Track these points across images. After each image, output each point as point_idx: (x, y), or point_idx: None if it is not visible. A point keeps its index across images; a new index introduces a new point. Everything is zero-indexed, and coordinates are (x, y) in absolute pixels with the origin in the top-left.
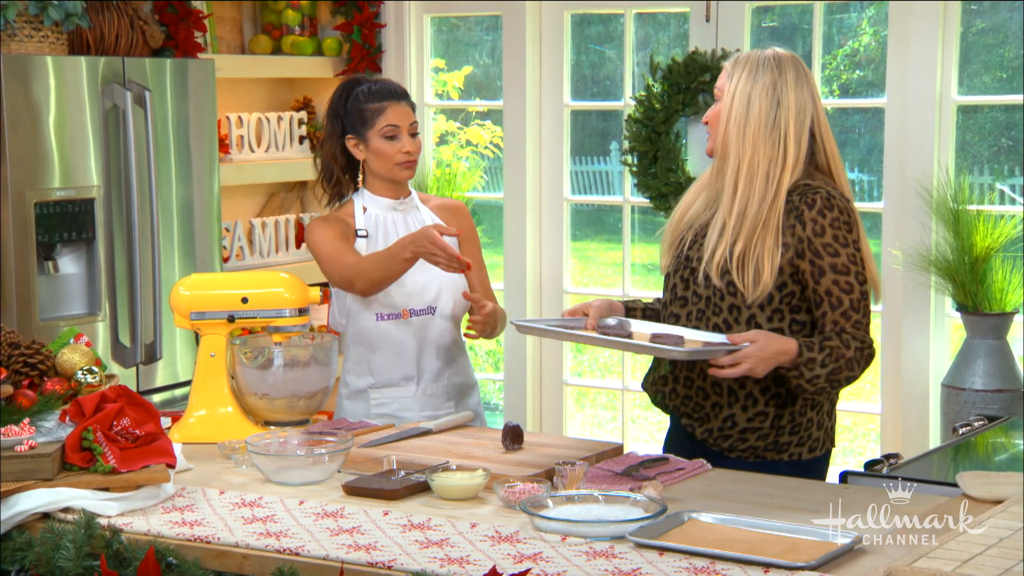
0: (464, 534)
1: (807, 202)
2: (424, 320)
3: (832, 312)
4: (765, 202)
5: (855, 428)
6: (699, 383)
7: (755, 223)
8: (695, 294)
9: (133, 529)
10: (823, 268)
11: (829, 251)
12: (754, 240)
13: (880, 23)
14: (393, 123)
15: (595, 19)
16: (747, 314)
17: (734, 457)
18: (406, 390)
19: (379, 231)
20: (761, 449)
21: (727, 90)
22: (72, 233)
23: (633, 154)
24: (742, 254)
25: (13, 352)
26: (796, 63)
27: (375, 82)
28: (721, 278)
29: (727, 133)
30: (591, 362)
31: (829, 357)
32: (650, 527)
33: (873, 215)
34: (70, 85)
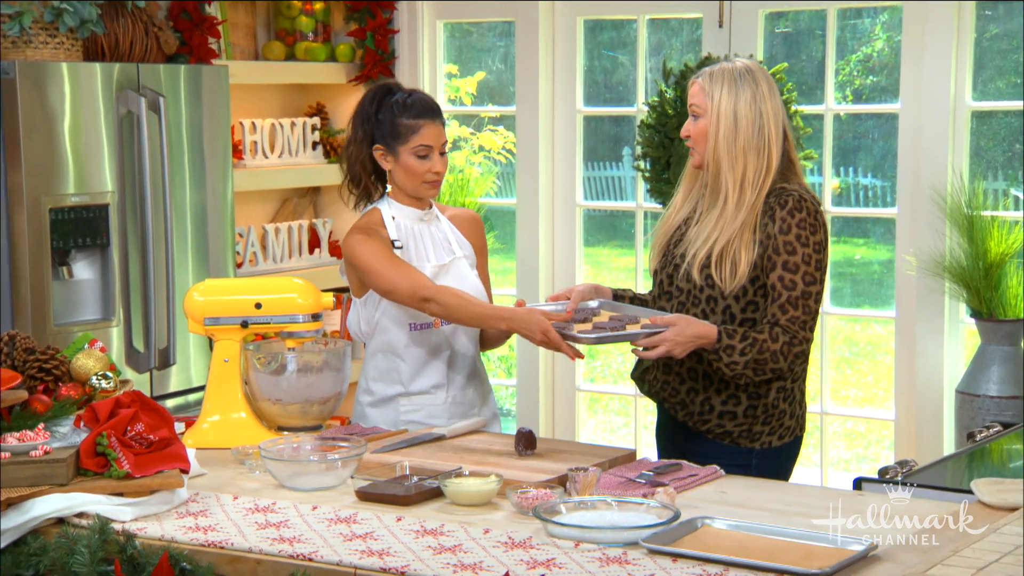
0: (477, 540)
1: (780, 203)
2: (453, 329)
3: (771, 304)
4: (748, 205)
5: (869, 435)
6: (676, 369)
7: (735, 223)
8: (678, 288)
9: (147, 534)
10: (776, 263)
11: (787, 248)
12: (733, 238)
13: (894, 28)
14: (427, 143)
15: (608, 25)
16: (723, 304)
17: (712, 438)
18: (436, 397)
19: (409, 241)
20: (736, 435)
21: (710, 108)
22: (86, 239)
23: (646, 159)
24: (722, 251)
25: (28, 357)
26: (764, 71)
27: (409, 94)
28: (700, 272)
29: (717, 149)
30: (604, 368)
31: (750, 346)
32: (663, 533)
33: (887, 221)
34: (85, 91)
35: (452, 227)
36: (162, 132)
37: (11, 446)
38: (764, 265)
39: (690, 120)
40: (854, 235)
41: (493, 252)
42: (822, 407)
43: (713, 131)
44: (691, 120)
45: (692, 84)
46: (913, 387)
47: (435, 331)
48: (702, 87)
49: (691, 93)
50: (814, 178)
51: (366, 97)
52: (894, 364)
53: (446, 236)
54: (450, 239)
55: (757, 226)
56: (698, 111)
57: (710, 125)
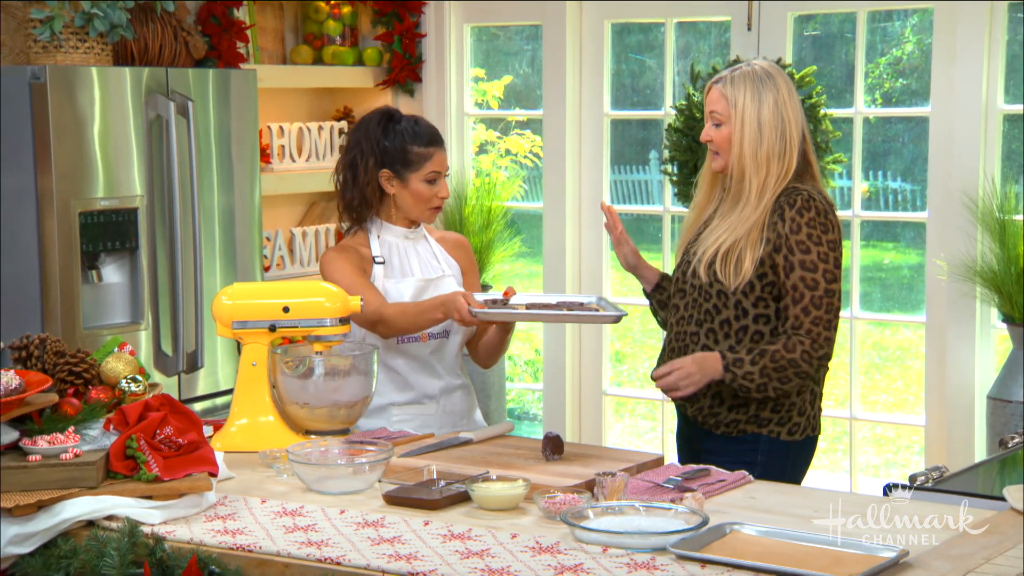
0: (505, 545)
1: (789, 202)
2: (440, 343)
3: (793, 306)
4: (763, 207)
5: (899, 440)
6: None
7: (747, 223)
8: (691, 285)
9: (176, 537)
10: (793, 263)
11: (801, 248)
12: (741, 237)
13: (924, 31)
14: (437, 170)
15: (635, 28)
16: (733, 299)
17: (720, 433)
18: (427, 408)
19: (394, 257)
20: (743, 422)
21: (733, 115)
22: (116, 242)
23: (673, 163)
24: (728, 250)
25: (58, 361)
26: (783, 73)
27: (415, 121)
28: (707, 270)
29: (742, 157)
30: (630, 372)
31: (760, 356)
32: (692, 539)
33: (917, 225)
34: (114, 95)
35: (440, 248)
36: (190, 136)
37: (41, 449)
38: (775, 264)
39: (711, 126)
40: (883, 239)
41: (520, 256)
42: (851, 412)
43: (738, 139)
44: (712, 126)
45: (710, 89)
46: (944, 393)
47: (422, 344)
48: (723, 93)
49: (711, 99)
50: (843, 182)
51: (370, 124)
52: (924, 369)
53: (433, 254)
54: (437, 258)
55: (765, 224)
56: (720, 118)
57: (734, 133)
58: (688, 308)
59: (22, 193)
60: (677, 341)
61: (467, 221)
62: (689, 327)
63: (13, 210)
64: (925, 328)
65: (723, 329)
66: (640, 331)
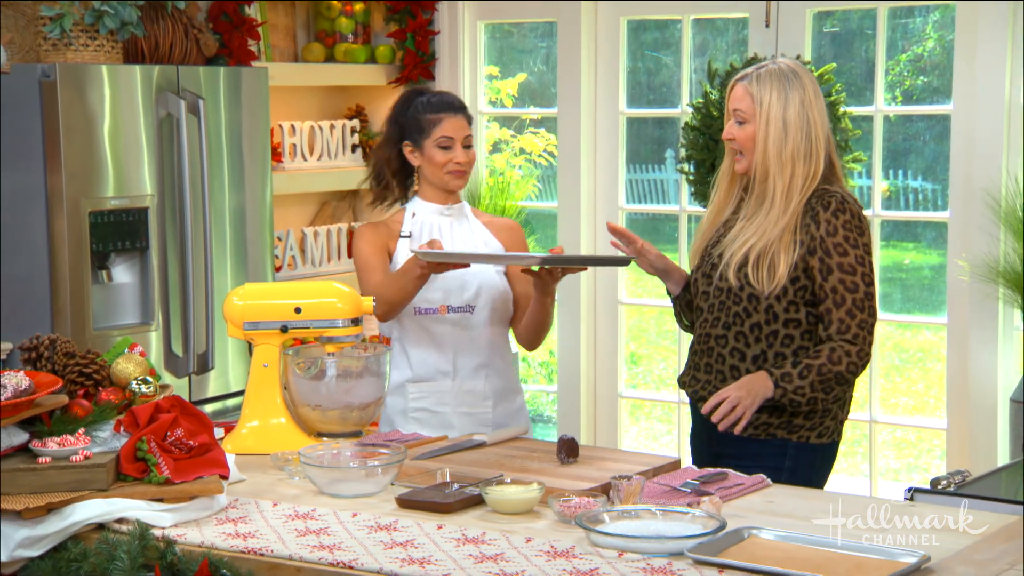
0: (519, 549)
1: (823, 204)
2: (461, 317)
3: (836, 310)
4: (792, 209)
5: (920, 444)
6: (717, 367)
7: (777, 227)
8: (717, 288)
9: (187, 540)
10: (831, 266)
11: (839, 250)
12: (772, 241)
13: (946, 27)
14: (447, 135)
15: (651, 25)
16: (765, 304)
17: (746, 436)
18: (442, 384)
19: (424, 233)
20: (773, 427)
21: (758, 114)
22: (126, 242)
23: (690, 162)
24: (760, 253)
25: (68, 362)
26: (808, 72)
27: (435, 94)
28: (737, 273)
29: (766, 157)
30: (646, 374)
31: (807, 370)
32: (709, 544)
33: (938, 225)
34: (125, 94)
35: (483, 228)
36: (201, 135)
37: (51, 451)
38: (808, 267)
39: (733, 124)
40: (904, 239)
41: None
42: (871, 415)
43: (762, 138)
44: (735, 124)
45: (734, 86)
46: (966, 395)
47: (441, 316)
48: (748, 91)
49: (735, 96)
50: (863, 181)
51: (398, 100)
52: (946, 372)
53: (471, 231)
54: (475, 236)
55: (798, 227)
56: (744, 116)
57: (758, 132)
58: (714, 311)
59: (32, 192)
60: (701, 344)
61: None
62: (715, 330)
63: (23, 209)
64: (946, 330)
65: (753, 333)
66: (655, 332)
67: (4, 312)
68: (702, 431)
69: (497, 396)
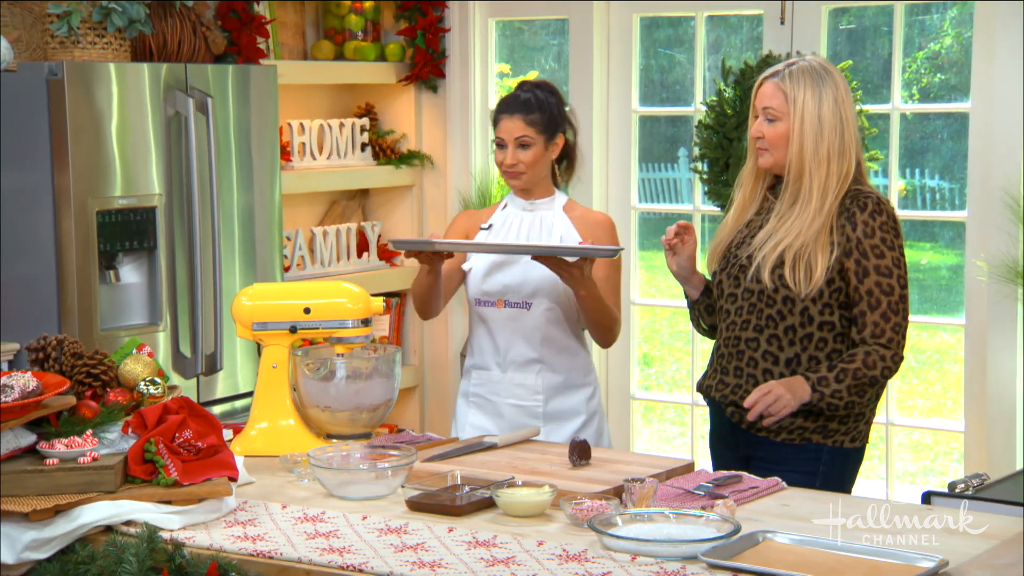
0: (531, 552)
1: (859, 205)
2: (517, 312)
3: (871, 313)
4: (827, 209)
5: (936, 447)
6: (748, 370)
7: (812, 227)
8: (746, 290)
9: (195, 543)
10: (867, 268)
11: (876, 252)
12: (808, 241)
13: (964, 24)
14: (500, 135)
15: (664, 22)
16: (800, 306)
17: (780, 440)
18: (493, 374)
19: (504, 227)
20: (809, 431)
21: (792, 112)
22: (134, 242)
23: (704, 161)
24: (796, 254)
25: (76, 362)
26: (838, 71)
27: (512, 93)
28: (772, 274)
29: (802, 155)
30: (659, 375)
31: (843, 374)
32: (723, 547)
33: (956, 224)
34: (132, 92)
35: (570, 224)
36: (210, 133)
37: (59, 452)
38: (844, 269)
39: (762, 122)
40: (921, 239)
41: None
42: (887, 417)
43: (797, 137)
44: (764, 122)
45: (765, 83)
46: (984, 397)
47: (497, 309)
48: (780, 88)
49: (765, 94)
50: (879, 180)
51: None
52: (963, 373)
53: (550, 227)
54: (553, 231)
55: (833, 228)
56: (775, 114)
57: (792, 130)
58: (743, 313)
59: (39, 191)
60: (729, 347)
61: None
62: (746, 333)
63: (29, 209)
64: (964, 331)
65: (787, 336)
66: (668, 334)
67: (11, 312)
68: (728, 435)
69: (550, 391)
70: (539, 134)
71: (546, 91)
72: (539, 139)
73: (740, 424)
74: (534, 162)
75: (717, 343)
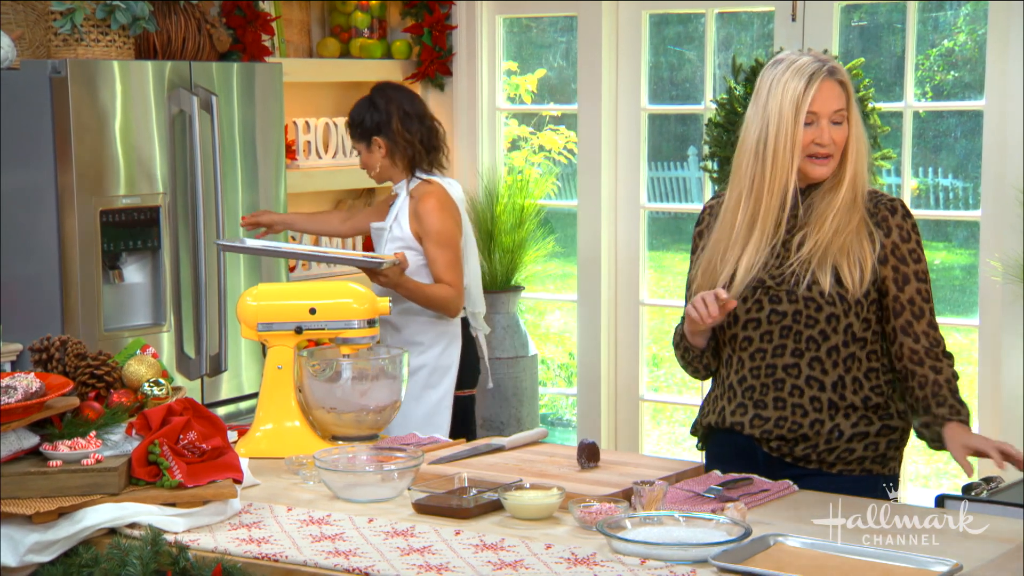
0: (539, 556)
1: (889, 208)
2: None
3: (918, 323)
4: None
5: None
6: (793, 400)
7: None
8: (774, 312)
9: (200, 546)
10: (907, 275)
11: (913, 257)
12: (850, 235)
13: (978, 21)
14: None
15: (674, 19)
16: (844, 323)
17: (836, 472)
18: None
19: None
20: (869, 461)
21: (850, 113)
22: (137, 242)
23: (714, 159)
24: (840, 249)
25: (80, 364)
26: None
27: None
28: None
29: (859, 161)
30: (668, 376)
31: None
32: (734, 551)
33: (970, 224)
34: (136, 90)
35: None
36: (214, 132)
37: (62, 454)
38: (883, 277)
39: (828, 126)
40: (934, 239)
41: (553, 256)
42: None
43: (855, 139)
44: (831, 126)
45: (824, 83)
46: (998, 399)
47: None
48: (845, 87)
49: (832, 95)
50: (892, 179)
51: None
52: (977, 375)
53: (396, 212)
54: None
55: (867, 224)
56: (843, 116)
57: (851, 132)
58: (774, 339)
59: (42, 191)
60: (765, 377)
61: (499, 219)
62: (781, 360)
63: (33, 208)
64: (978, 332)
65: (831, 358)
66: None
67: (14, 313)
68: (761, 472)
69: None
70: (358, 142)
71: (360, 104)
72: (360, 145)
73: (784, 459)
74: (365, 164)
75: (741, 376)
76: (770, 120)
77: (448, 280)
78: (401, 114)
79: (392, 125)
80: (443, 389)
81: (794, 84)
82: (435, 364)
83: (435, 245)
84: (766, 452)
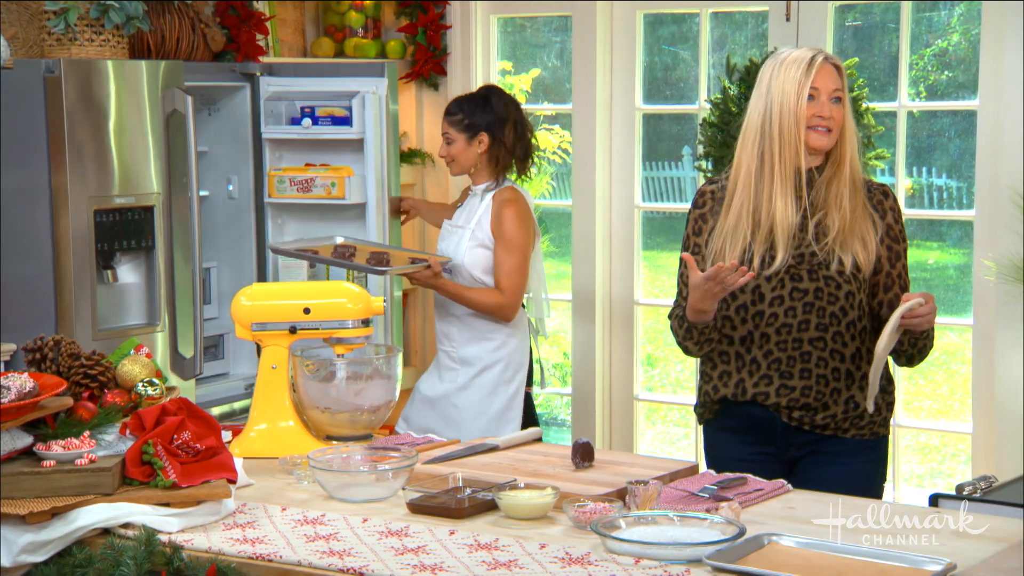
0: (533, 555)
1: (882, 192)
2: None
3: (901, 295)
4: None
5: (944, 448)
6: (819, 371)
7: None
8: (796, 289)
9: (194, 546)
10: (899, 253)
11: (902, 236)
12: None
13: (971, 20)
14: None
15: (668, 19)
16: (858, 299)
17: (850, 436)
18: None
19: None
20: (877, 424)
21: (846, 103)
22: (131, 241)
23: (708, 159)
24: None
25: (73, 363)
26: None
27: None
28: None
29: (853, 142)
30: (662, 376)
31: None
32: (728, 550)
33: (963, 223)
34: (130, 89)
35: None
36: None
37: (56, 454)
38: (881, 254)
39: (828, 103)
40: (928, 238)
41: (548, 256)
42: (894, 419)
43: (850, 124)
44: (831, 103)
45: (824, 65)
46: (992, 399)
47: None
48: (841, 70)
49: (830, 76)
50: (886, 178)
51: None
52: (971, 374)
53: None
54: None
55: (867, 207)
56: (841, 94)
57: (845, 113)
58: (798, 314)
59: (35, 190)
60: (791, 350)
61: None
62: (807, 334)
63: (26, 208)
64: (972, 332)
65: (849, 331)
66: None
67: (8, 312)
68: (778, 439)
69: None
70: (460, 132)
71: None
72: (460, 136)
73: (803, 427)
74: (452, 154)
75: (766, 349)
76: (774, 100)
77: (505, 285)
78: (515, 120)
79: (505, 128)
80: (515, 385)
81: (796, 65)
82: (508, 359)
83: (505, 249)
84: (785, 422)
